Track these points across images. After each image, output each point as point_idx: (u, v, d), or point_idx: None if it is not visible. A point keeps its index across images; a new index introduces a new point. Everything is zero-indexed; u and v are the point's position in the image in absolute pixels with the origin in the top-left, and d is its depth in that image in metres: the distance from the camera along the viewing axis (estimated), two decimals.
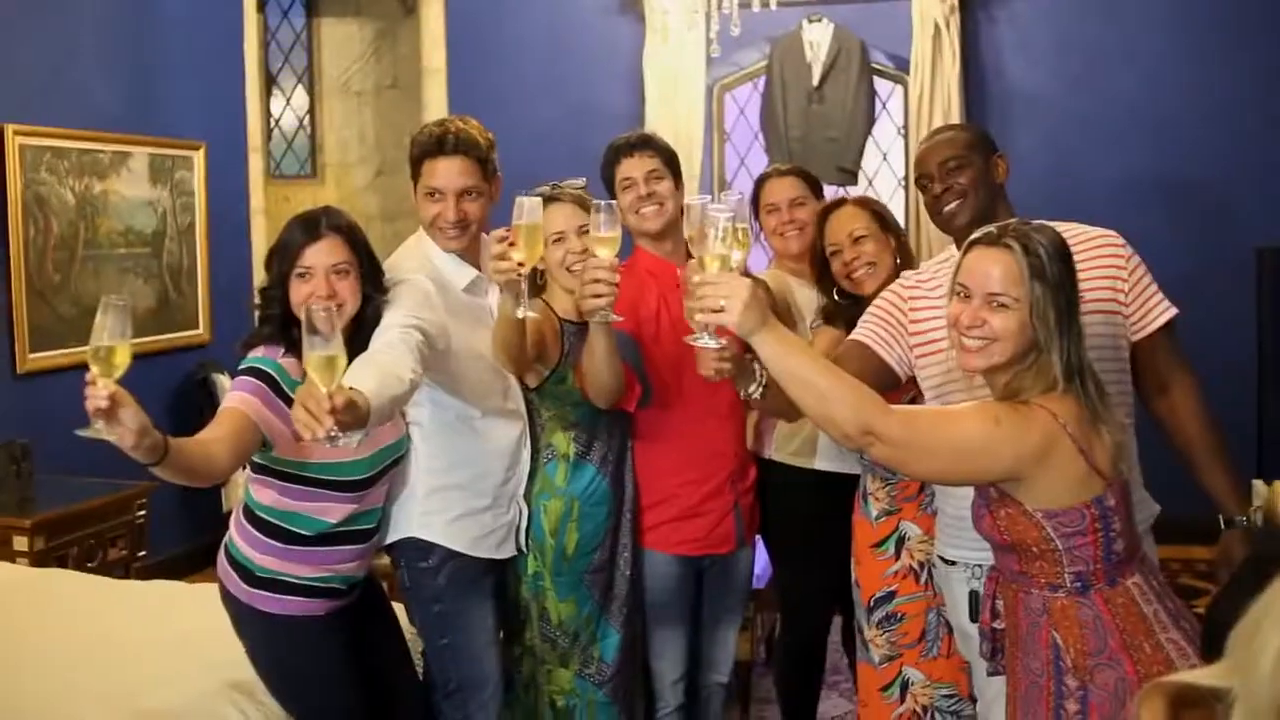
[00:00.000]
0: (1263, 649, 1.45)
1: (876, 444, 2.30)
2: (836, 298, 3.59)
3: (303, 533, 2.96)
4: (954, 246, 3.05)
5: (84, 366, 2.37)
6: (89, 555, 4.99)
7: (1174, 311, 2.99)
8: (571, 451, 3.31)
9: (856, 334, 3.10)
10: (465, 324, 3.17)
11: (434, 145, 3.16)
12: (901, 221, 6.87)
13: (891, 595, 3.39)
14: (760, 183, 3.89)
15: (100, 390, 2.32)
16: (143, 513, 5.30)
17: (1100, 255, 2.94)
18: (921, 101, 6.69)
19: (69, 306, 5.81)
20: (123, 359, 2.36)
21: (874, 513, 3.47)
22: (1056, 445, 2.28)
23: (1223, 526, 3.01)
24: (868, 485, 3.50)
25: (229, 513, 6.18)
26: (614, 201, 2.87)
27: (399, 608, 3.37)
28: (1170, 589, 2.49)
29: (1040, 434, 2.28)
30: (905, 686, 3.41)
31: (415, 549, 3.18)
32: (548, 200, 3.28)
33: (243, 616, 3.01)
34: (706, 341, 2.40)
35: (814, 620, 3.94)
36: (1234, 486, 3.00)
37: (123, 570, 5.15)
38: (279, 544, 2.95)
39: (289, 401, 2.85)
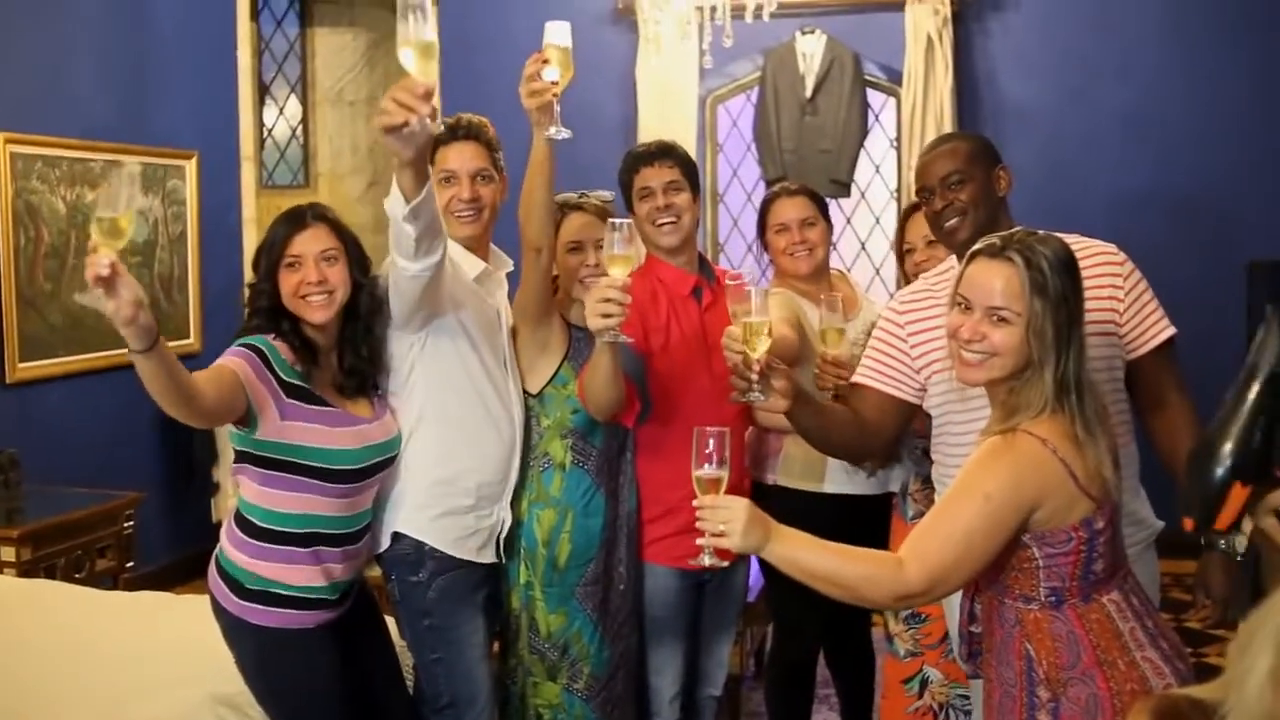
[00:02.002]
0: (1251, 668, 1.46)
1: (913, 599, 2.36)
2: None
3: (292, 531, 2.93)
4: (954, 259, 3.03)
5: (74, 376, 2.37)
6: (76, 566, 4.96)
7: (1172, 331, 2.97)
8: (568, 460, 3.30)
9: (859, 375, 3.10)
10: (471, 308, 3.18)
11: (446, 133, 3.22)
12: (893, 233, 6.92)
13: None
14: (769, 202, 3.86)
15: (102, 258, 2.34)
16: (130, 523, 5.27)
17: (1098, 273, 2.90)
18: (914, 114, 6.69)
19: (59, 316, 5.79)
20: (126, 228, 2.37)
21: (910, 513, 3.49)
22: (1049, 474, 2.26)
23: (1204, 548, 3.00)
24: (909, 486, 3.52)
25: (218, 523, 6.17)
26: (629, 220, 2.88)
27: (391, 621, 3.35)
28: (1153, 607, 2.47)
29: (1032, 472, 2.26)
30: (924, 683, 3.47)
31: (406, 563, 3.16)
32: (571, 208, 3.31)
33: (233, 628, 2.99)
34: (705, 561, 2.45)
35: (809, 641, 3.92)
36: None
37: (110, 581, 5.13)
38: (268, 545, 2.93)
39: (279, 381, 2.88)
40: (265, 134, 8.35)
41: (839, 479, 3.68)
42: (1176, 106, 6.66)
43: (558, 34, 2.88)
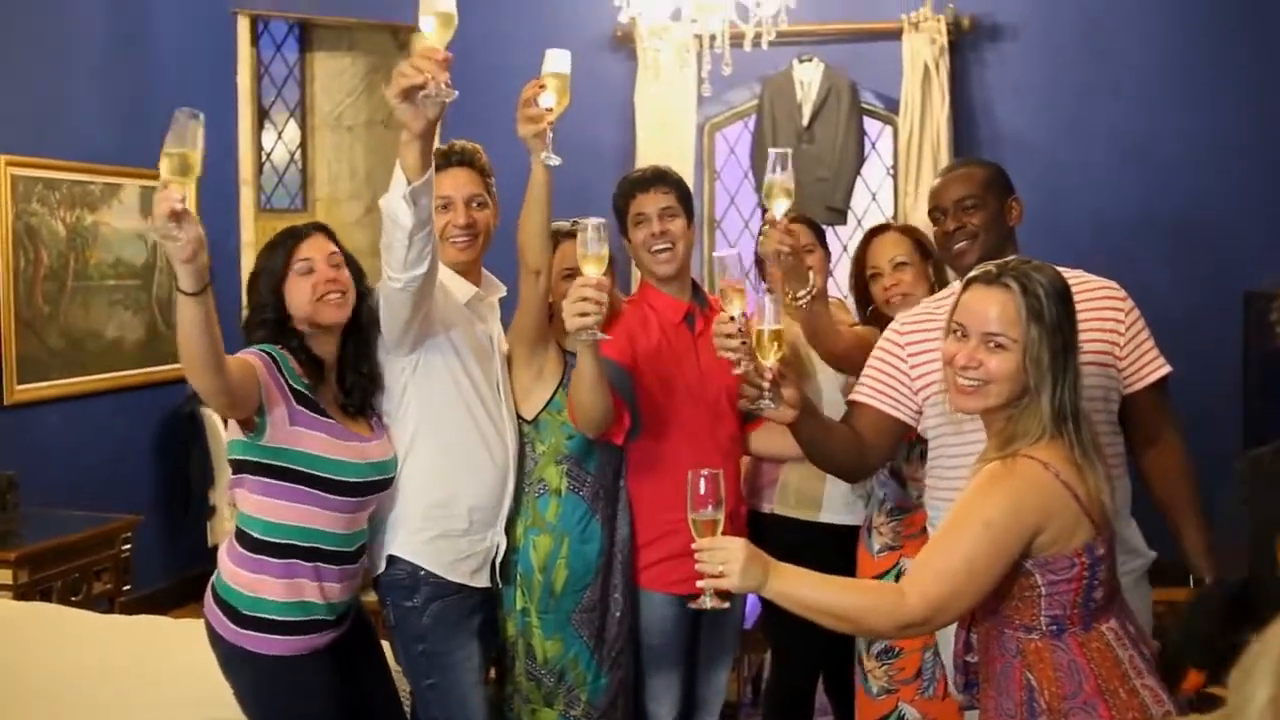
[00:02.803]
0: (1251, 697, 1.47)
1: (915, 628, 2.35)
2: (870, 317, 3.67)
3: (293, 544, 2.93)
4: (958, 284, 3.06)
5: (72, 398, 2.38)
6: (73, 589, 4.95)
7: (1167, 369, 3.02)
8: (563, 486, 3.30)
9: (858, 394, 3.12)
10: (463, 331, 3.20)
11: (441, 158, 3.24)
12: None
13: None
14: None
15: (174, 192, 2.40)
16: (128, 546, 5.27)
17: (1100, 306, 2.95)
18: (910, 142, 6.72)
19: (57, 338, 5.81)
20: (195, 167, 2.43)
21: (876, 546, 3.49)
22: (1051, 497, 2.27)
23: (1191, 584, 3.06)
24: (874, 518, 3.52)
25: (214, 547, 6.18)
26: (601, 220, 2.90)
27: (387, 645, 3.35)
28: (1146, 634, 2.48)
29: (1033, 496, 2.26)
30: None
31: (401, 588, 3.16)
32: (565, 235, 3.33)
33: (230, 657, 2.98)
34: (706, 603, 2.47)
35: (806, 668, 3.91)
36: (1207, 546, 3.05)
37: (107, 604, 5.12)
38: (268, 558, 2.92)
39: (289, 387, 2.92)
40: (264, 158, 8.36)
41: (836, 509, 3.69)
42: (1172, 136, 6.68)
43: (557, 62, 2.91)
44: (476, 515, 3.20)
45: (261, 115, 8.19)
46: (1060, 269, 2.56)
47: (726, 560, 2.33)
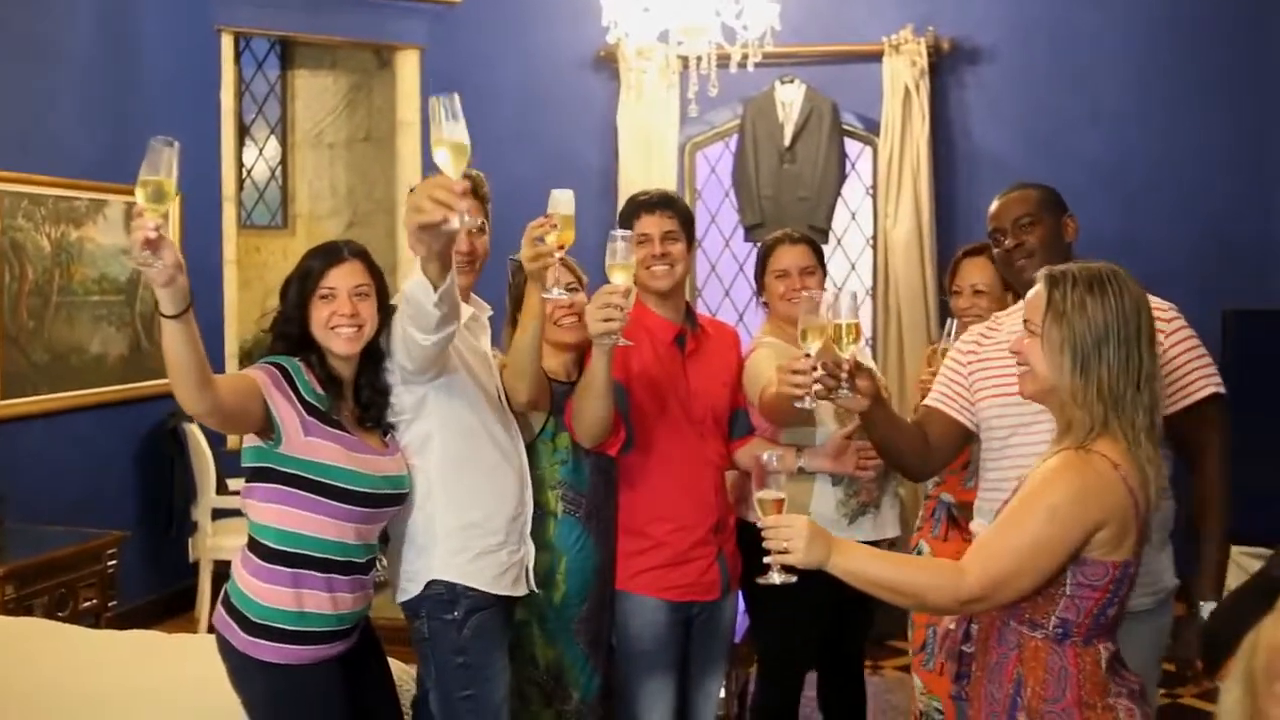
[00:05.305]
0: (1228, 690, 1.59)
1: (974, 604, 2.40)
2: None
3: (307, 554, 2.94)
4: (1022, 304, 3.16)
5: (57, 413, 2.39)
6: (59, 604, 4.94)
7: (1210, 390, 3.07)
8: (559, 509, 3.38)
9: (929, 399, 3.27)
10: (469, 351, 3.24)
11: None
12: (869, 281, 7.02)
13: None
14: (771, 247, 3.94)
15: (149, 221, 2.41)
16: (113, 562, 5.25)
17: None
18: (891, 162, 6.81)
19: (42, 353, 5.80)
20: (169, 194, 2.45)
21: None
22: (1117, 496, 2.32)
23: (1188, 606, 3.10)
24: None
25: (195, 562, 6.19)
26: (630, 232, 3.02)
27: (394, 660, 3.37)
28: (1128, 667, 2.53)
29: (1098, 492, 2.31)
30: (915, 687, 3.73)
31: (440, 602, 3.16)
32: None
33: (240, 669, 2.98)
34: (775, 579, 2.55)
35: (793, 681, 3.94)
36: (1211, 572, 3.06)
37: (92, 619, 5.09)
38: (280, 568, 2.92)
39: (300, 399, 2.94)
40: (244, 175, 8.38)
41: (821, 524, 3.74)
42: (1148, 157, 6.78)
43: (563, 203, 2.98)
44: (509, 527, 3.24)
45: (242, 132, 8.21)
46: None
47: (791, 537, 2.42)
